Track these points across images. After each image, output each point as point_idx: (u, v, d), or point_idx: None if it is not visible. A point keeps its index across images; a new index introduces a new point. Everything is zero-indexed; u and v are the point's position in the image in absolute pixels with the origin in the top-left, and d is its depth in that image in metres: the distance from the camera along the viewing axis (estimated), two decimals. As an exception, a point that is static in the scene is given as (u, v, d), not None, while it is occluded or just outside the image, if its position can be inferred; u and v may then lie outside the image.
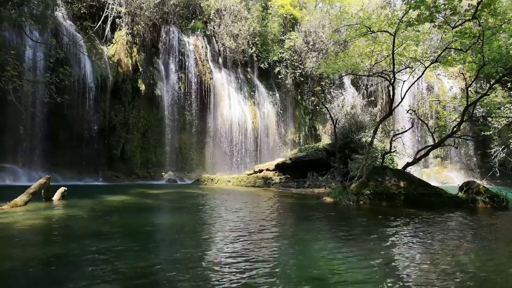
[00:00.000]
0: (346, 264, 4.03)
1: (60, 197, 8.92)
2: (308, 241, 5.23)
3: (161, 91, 20.79)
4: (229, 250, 4.50)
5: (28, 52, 15.36)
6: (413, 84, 14.54)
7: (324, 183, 14.87)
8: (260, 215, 7.74)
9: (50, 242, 4.91)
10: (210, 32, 23.67)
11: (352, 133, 16.75)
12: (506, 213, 8.68)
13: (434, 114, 24.42)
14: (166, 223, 6.75)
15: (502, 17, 10.18)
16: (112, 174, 18.41)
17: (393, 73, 12.12)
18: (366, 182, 10.22)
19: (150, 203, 9.60)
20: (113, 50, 19.16)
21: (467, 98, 11.60)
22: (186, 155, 21.92)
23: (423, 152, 12.96)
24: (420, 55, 13.33)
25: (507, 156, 19.67)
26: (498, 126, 16.68)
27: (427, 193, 9.77)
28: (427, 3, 9.86)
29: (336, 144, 12.69)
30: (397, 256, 4.45)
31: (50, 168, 15.54)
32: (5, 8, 12.32)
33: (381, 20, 12.23)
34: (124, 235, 5.41)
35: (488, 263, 4.26)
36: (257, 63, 25.68)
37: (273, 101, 25.83)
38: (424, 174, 23.68)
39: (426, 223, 6.97)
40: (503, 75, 11.38)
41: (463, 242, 5.44)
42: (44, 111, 15.86)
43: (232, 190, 14.25)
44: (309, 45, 25.64)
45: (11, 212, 6.98)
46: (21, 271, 3.61)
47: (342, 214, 8.10)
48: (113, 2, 19.02)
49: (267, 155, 23.80)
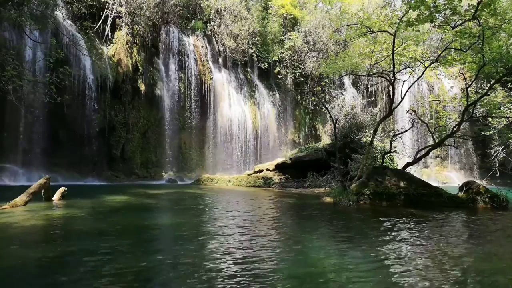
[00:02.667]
0: (346, 264, 4.03)
1: (60, 197, 8.92)
2: (308, 241, 5.22)
3: (161, 91, 20.79)
4: (229, 250, 4.50)
5: (28, 52, 15.35)
6: (413, 84, 14.54)
7: (324, 183, 14.86)
8: (260, 215, 7.74)
9: (50, 242, 4.91)
10: (210, 32, 23.68)
11: (352, 133, 16.74)
12: (506, 213, 8.68)
13: (434, 114, 24.41)
14: (166, 223, 6.75)
15: (502, 17, 10.18)
16: (112, 174, 18.41)
17: (393, 73, 12.12)
18: (366, 182, 10.22)
19: (150, 203, 9.60)
20: (113, 50, 19.16)
21: (467, 98, 11.60)
22: (186, 155, 21.91)
23: (423, 152, 12.95)
24: (420, 55, 13.32)
25: (507, 156, 19.68)
26: (498, 126, 16.69)
27: (427, 193, 9.77)
28: (427, 3, 9.86)
29: (336, 144, 12.69)
30: (397, 256, 4.45)
31: (50, 168, 15.53)
32: (5, 8, 12.32)
33: (381, 20, 12.23)
34: (124, 235, 5.41)
35: (488, 263, 4.26)
36: (257, 63, 25.68)
37: (273, 101, 25.83)
38: (424, 174, 23.68)
39: (426, 223, 6.97)
40: (503, 75, 11.38)
41: (463, 242, 5.44)
42: (44, 111, 15.84)
43: (232, 190, 14.25)
44: (309, 45, 25.64)
45: (11, 212, 6.98)
46: (21, 271, 3.62)
47: (342, 214, 8.09)
48: (113, 2, 19.02)
49: (267, 155, 23.79)
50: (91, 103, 17.49)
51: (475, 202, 9.45)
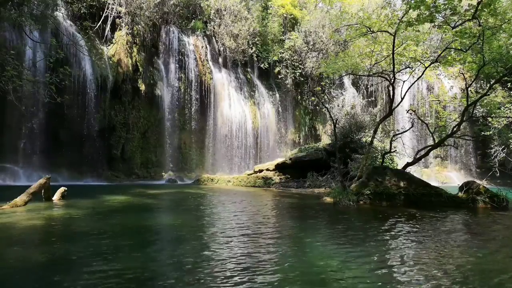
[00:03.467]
0: (346, 264, 4.03)
1: (60, 197, 8.92)
2: (308, 241, 5.22)
3: (161, 91, 20.79)
4: (229, 250, 4.50)
5: (28, 52, 15.35)
6: (413, 84, 14.54)
7: (324, 183, 14.86)
8: (260, 216, 7.74)
9: (50, 242, 4.91)
10: (210, 32, 23.67)
11: (352, 133, 16.73)
12: (506, 213, 8.68)
13: (434, 114, 24.42)
14: (167, 224, 6.75)
15: (502, 17, 10.18)
16: (112, 174, 18.41)
17: (393, 73, 12.12)
18: (366, 182, 10.22)
19: (150, 203, 9.60)
20: (113, 50, 19.16)
21: (467, 98, 11.60)
22: (186, 155, 21.91)
23: (423, 152, 12.96)
24: (420, 55, 13.32)
25: (507, 156, 19.68)
26: (498, 126, 16.69)
27: (427, 193, 9.77)
28: (427, 3, 9.87)
29: (336, 144, 12.69)
30: (397, 256, 4.45)
31: (50, 168, 15.51)
32: (5, 8, 12.32)
33: (381, 20, 12.23)
34: (124, 236, 5.41)
35: (488, 263, 4.26)
36: (257, 63, 25.67)
37: (273, 101, 25.83)
38: (424, 174, 23.67)
39: (426, 223, 6.97)
40: (503, 75, 11.39)
41: (463, 242, 5.44)
42: (44, 111, 15.85)
43: (232, 190, 14.24)
44: (309, 45, 25.63)
45: (11, 212, 6.98)
46: (20, 271, 3.61)
47: (342, 214, 8.09)
48: (113, 2, 19.01)
49: (267, 155, 23.79)
50: (91, 103, 17.48)
51: (475, 202, 9.46)
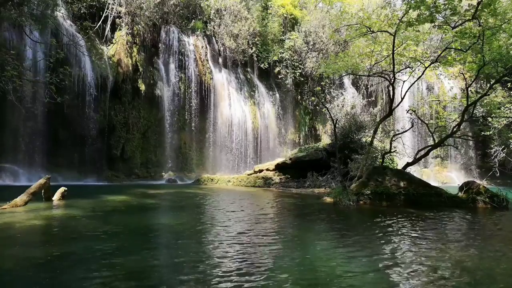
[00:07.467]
0: (346, 264, 4.03)
1: (60, 197, 8.92)
2: (308, 241, 5.22)
3: (161, 91, 20.79)
4: (229, 250, 4.50)
5: (28, 52, 15.34)
6: (413, 84, 14.53)
7: (324, 183, 14.86)
8: (260, 216, 7.74)
9: (50, 242, 4.91)
10: (210, 32, 23.67)
11: (352, 133, 16.73)
12: (506, 213, 8.68)
13: (434, 114, 24.42)
14: (166, 224, 6.75)
15: (502, 17, 10.18)
16: (112, 174, 18.40)
17: (393, 73, 12.12)
18: (366, 182, 10.22)
19: (150, 203, 9.60)
20: (113, 50, 19.15)
21: (467, 98, 11.61)
22: (186, 155, 21.91)
23: (423, 152, 12.96)
24: (420, 55, 13.32)
25: (507, 156, 19.67)
26: (498, 126, 16.70)
27: (427, 193, 9.77)
28: (427, 3, 9.87)
29: (336, 144, 12.69)
30: (399, 257, 4.45)
31: (50, 168, 15.52)
32: (5, 8, 12.33)
33: (381, 20, 12.24)
34: (124, 236, 5.41)
35: (488, 263, 4.26)
36: (257, 63, 25.66)
37: (273, 101, 25.82)
38: (424, 174, 23.67)
39: (426, 223, 6.97)
40: (503, 75, 11.39)
41: (462, 242, 5.44)
42: (44, 111, 15.84)
43: (232, 190, 14.24)
44: (309, 45, 25.63)
45: (11, 212, 6.98)
46: (20, 271, 3.61)
47: (343, 214, 8.09)
48: (113, 2, 19.01)
49: (267, 155, 23.78)
50: (91, 103, 17.47)
51: (475, 202, 9.46)
